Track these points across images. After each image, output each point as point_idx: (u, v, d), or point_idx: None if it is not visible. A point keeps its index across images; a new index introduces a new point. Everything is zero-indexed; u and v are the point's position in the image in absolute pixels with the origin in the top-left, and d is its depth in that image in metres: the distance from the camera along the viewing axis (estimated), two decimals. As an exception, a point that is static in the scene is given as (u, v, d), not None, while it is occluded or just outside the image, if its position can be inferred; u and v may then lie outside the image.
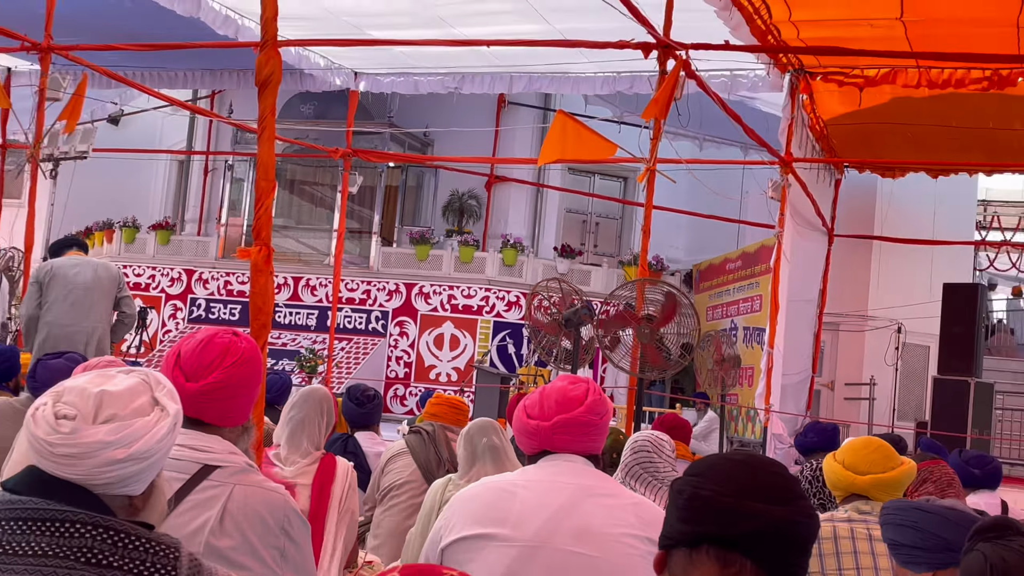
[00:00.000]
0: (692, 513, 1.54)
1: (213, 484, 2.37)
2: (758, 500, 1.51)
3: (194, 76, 13.44)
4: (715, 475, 1.57)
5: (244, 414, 2.55)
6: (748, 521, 1.50)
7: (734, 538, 1.50)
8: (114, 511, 1.84)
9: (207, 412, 2.43)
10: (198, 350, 2.44)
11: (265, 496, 2.44)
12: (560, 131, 7.41)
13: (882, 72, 9.71)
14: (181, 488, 2.33)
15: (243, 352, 2.48)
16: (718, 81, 10.40)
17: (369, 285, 16.67)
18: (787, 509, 1.52)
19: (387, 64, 12.33)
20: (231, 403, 2.48)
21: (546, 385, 2.83)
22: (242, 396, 2.51)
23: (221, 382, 2.42)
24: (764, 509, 1.50)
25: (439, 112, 16.84)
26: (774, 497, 1.52)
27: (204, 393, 2.40)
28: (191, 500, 2.33)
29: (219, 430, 2.47)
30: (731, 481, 1.54)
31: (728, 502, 1.52)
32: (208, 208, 19.24)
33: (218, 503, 2.35)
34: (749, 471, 1.57)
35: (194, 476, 2.36)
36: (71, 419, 1.81)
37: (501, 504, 2.63)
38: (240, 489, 2.40)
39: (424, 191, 18.93)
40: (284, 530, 2.44)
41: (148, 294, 17.41)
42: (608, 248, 18.92)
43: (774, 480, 1.56)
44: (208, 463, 2.39)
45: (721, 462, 1.62)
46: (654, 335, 7.40)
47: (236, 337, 2.50)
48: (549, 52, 10.48)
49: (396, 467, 4.94)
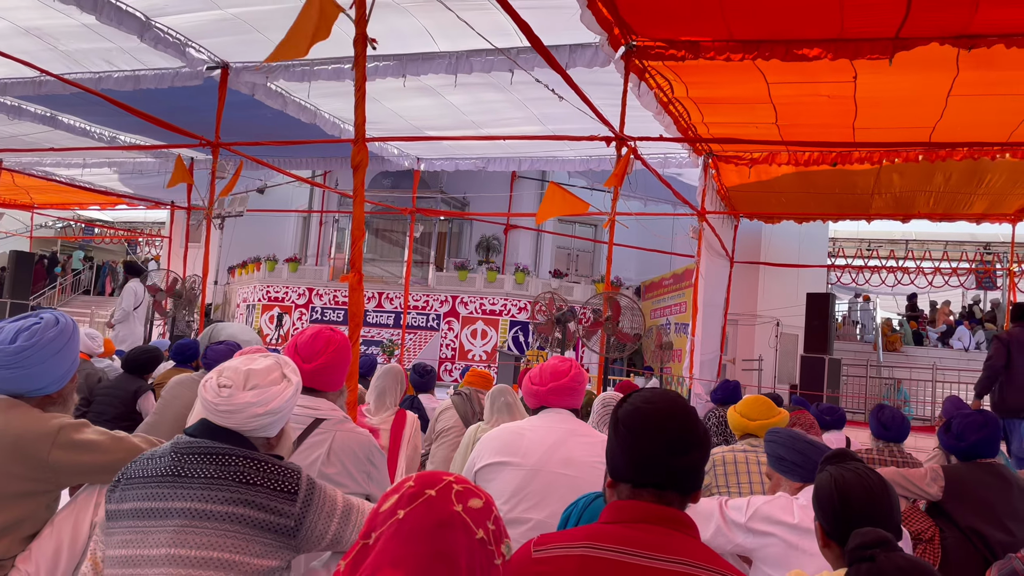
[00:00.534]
0: (634, 464, 1.49)
1: (321, 432, 2.38)
2: (681, 452, 1.47)
3: (312, 161, 13.51)
4: (649, 433, 1.49)
5: (340, 382, 2.55)
6: (677, 472, 1.47)
7: (666, 483, 1.48)
8: (257, 448, 1.84)
9: (316, 382, 2.44)
10: (309, 341, 2.45)
11: (356, 438, 2.44)
12: (552, 196, 7.40)
13: (763, 156, 9.71)
14: (301, 434, 2.34)
15: (339, 342, 2.48)
16: (656, 160, 10.39)
17: (427, 297, 16.67)
18: (701, 451, 1.50)
19: (438, 152, 12.37)
20: (332, 376, 2.48)
21: (544, 363, 2.83)
22: (339, 371, 2.50)
23: (326, 363, 2.43)
24: (686, 460, 1.47)
25: (473, 184, 16.93)
26: (694, 442, 1.49)
27: (316, 371, 2.41)
28: (308, 442, 2.34)
29: (324, 394, 2.48)
30: (660, 437, 1.48)
31: (662, 459, 1.47)
32: (322, 247, 19.31)
33: (326, 444, 2.36)
34: (673, 423, 1.50)
35: (309, 426, 2.37)
36: (228, 388, 1.82)
37: (513, 441, 2.63)
38: (340, 434, 2.40)
39: (463, 235, 18.98)
40: (369, 459, 2.44)
41: (283, 304, 17.45)
42: (584, 271, 18.90)
43: (692, 429, 1.50)
44: (318, 417, 2.40)
45: (650, 415, 1.51)
46: (615, 328, 7.38)
47: (332, 332, 2.50)
48: (544, 144, 10.51)
49: (445, 417, 4.94)
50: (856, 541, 1.63)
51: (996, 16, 5.39)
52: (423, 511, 1.11)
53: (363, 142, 3.63)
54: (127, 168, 14.39)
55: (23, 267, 15.58)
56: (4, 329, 2.09)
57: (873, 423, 4.26)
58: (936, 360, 13.77)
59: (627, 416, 1.53)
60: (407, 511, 1.11)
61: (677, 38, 6.46)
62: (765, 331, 13.86)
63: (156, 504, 1.70)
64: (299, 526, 1.74)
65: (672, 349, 14.20)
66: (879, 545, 1.60)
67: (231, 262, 19.38)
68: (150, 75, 8.67)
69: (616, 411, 1.56)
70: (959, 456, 3.49)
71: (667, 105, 7.83)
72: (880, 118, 7.86)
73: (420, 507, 1.12)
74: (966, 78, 6.48)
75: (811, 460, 2.48)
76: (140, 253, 25.53)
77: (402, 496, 1.14)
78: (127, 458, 1.99)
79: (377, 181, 16.94)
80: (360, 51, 3.61)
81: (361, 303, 3.59)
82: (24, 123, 10.88)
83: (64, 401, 2.20)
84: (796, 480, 2.54)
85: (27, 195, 16.79)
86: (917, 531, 3.31)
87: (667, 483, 1.47)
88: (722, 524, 2.43)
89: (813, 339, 11.57)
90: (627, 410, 1.54)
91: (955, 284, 17.89)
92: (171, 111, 8.76)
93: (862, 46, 6.01)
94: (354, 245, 3.62)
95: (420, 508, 1.11)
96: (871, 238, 20.55)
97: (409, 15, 6.84)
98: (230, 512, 1.68)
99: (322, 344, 2.44)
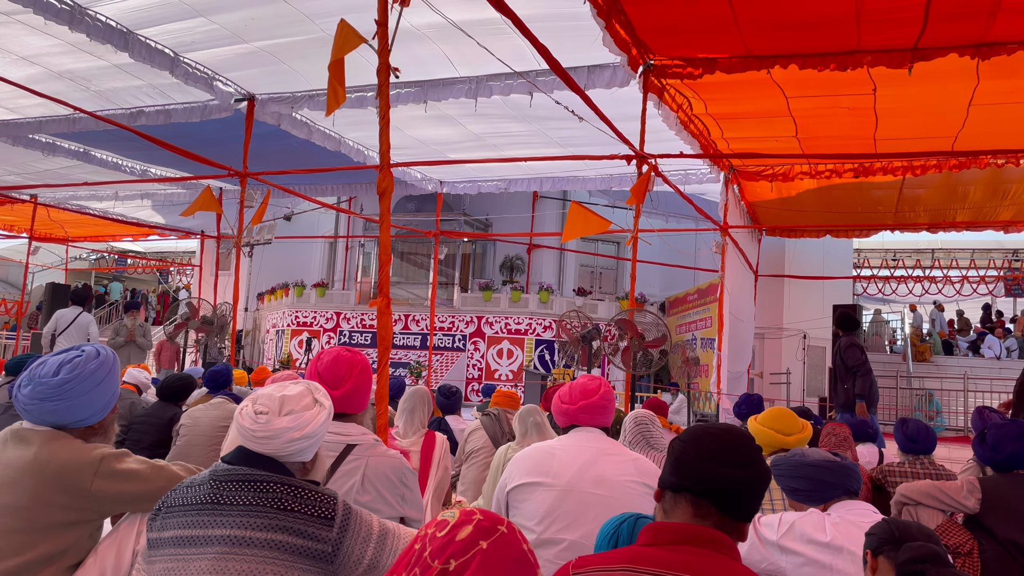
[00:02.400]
0: (676, 469, 1.53)
1: (354, 458, 2.37)
2: (722, 465, 1.49)
3: (338, 187, 13.64)
4: (696, 444, 1.54)
5: (367, 402, 2.55)
6: (713, 480, 1.48)
7: (702, 491, 1.48)
8: (293, 473, 1.86)
9: (346, 407, 2.43)
10: (331, 367, 2.43)
11: (389, 462, 2.43)
12: (575, 216, 7.41)
13: (784, 170, 9.67)
14: (334, 462, 2.34)
15: (360, 363, 2.48)
16: (676, 177, 10.37)
17: (453, 318, 16.70)
18: (746, 472, 1.50)
19: (461, 175, 12.44)
20: (360, 399, 2.49)
21: (572, 381, 2.82)
22: (365, 392, 2.50)
23: (354, 387, 2.43)
24: (725, 472, 1.48)
25: (495, 205, 16.99)
26: (737, 462, 1.50)
27: (345, 396, 2.41)
28: (342, 471, 2.34)
29: (353, 417, 2.47)
30: (705, 449, 1.52)
31: (700, 466, 1.50)
32: (348, 272, 19.44)
33: (359, 471, 2.35)
34: (720, 442, 1.53)
35: (341, 453, 2.37)
36: (265, 414, 1.84)
37: (545, 461, 2.62)
38: (373, 459, 2.39)
39: (487, 256, 19.01)
40: (403, 482, 2.43)
41: (311, 328, 17.56)
42: (608, 288, 18.83)
43: (737, 450, 1.52)
44: (349, 443, 2.39)
45: (702, 433, 1.58)
46: (641, 346, 7.34)
47: (352, 354, 2.48)
48: (565, 164, 10.54)
49: (474, 438, 4.92)
50: (907, 555, 1.61)
51: (1014, 25, 5.35)
52: (502, 546, 1.17)
53: (388, 168, 3.67)
54: (158, 199, 14.66)
55: (59, 299, 15.84)
56: (47, 363, 2.13)
57: (899, 437, 4.19)
58: (967, 369, 13.52)
59: (686, 432, 1.60)
60: (490, 543, 1.16)
61: (694, 56, 6.48)
62: (792, 344, 13.72)
63: (196, 532, 1.72)
64: (336, 551, 1.74)
65: (699, 364, 14.08)
66: (929, 560, 1.58)
67: (260, 289, 19.58)
68: (180, 109, 8.85)
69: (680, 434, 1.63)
70: (995, 468, 3.42)
71: (687, 123, 7.83)
72: (901, 129, 7.80)
73: (500, 541, 1.17)
74: (987, 87, 6.42)
75: (823, 482, 2.43)
76: (172, 282, 25.89)
77: (477, 528, 1.18)
78: (167, 486, 2.01)
79: (401, 205, 17.07)
80: (383, 80, 3.66)
81: (390, 326, 3.61)
82: (58, 159, 11.14)
83: (105, 432, 2.24)
84: (816, 505, 2.48)
85: (62, 228, 17.13)
86: (955, 545, 3.24)
87: (703, 491, 1.49)
88: (756, 541, 2.39)
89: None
90: (688, 429, 1.61)
91: (983, 292, 17.59)
92: (200, 144, 8.92)
93: (880, 57, 5.98)
94: (382, 270, 3.65)
95: (500, 542, 1.17)
96: (896, 248, 20.30)
97: (429, 42, 6.93)
98: (269, 539, 1.69)
99: (345, 369, 2.44)
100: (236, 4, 6.56)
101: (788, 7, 5.40)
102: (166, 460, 2.39)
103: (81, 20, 6.54)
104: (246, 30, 7.05)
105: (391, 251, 3.67)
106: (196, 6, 6.62)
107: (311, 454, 1.92)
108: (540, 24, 5.33)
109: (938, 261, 19.24)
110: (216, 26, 6.96)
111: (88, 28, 6.63)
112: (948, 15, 5.25)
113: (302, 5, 6.48)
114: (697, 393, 13.52)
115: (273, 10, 6.59)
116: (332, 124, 9.45)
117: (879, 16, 5.35)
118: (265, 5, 6.53)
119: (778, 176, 9.59)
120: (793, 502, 2.52)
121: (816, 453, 2.50)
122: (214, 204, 9.06)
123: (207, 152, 8.41)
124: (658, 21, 5.92)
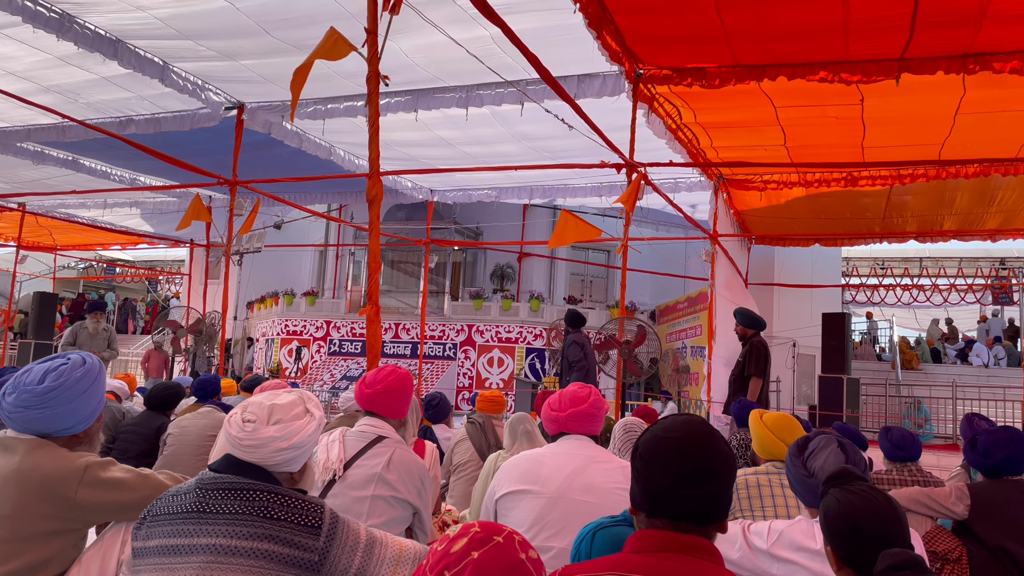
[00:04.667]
0: (648, 496, 1.50)
1: (383, 446, 2.66)
2: (693, 484, 1.46)
3: (328, 196, 13.61)
4: (662, 466, 1.49)
5: (401, 412, 2.83)
6: (686, 503, 1.46)
7: (678, 515, 1.47)
8: (281, 482, 1.85)
9: (376, 406, 2.76)
10: (375, 372, 2.83)
11: (412, 458, 2.69)
12: (564, 223, 7.43)
13: (774, 179, 9.72)
14: (364, 446, 2.63)
15: (401, 374, 2.81)
16: (666, 185, 10.40)
17: (444, 327, 16.68)
18: (718, 480, 1.48)
19: (451, 184, 12.45)
20: (392, 403, 2.78)
21: (562, 389, 2.82)
22: (399, 400, 2.80)
23: (385, 388, 2.77)
24: (697, 490, 1.46)
25: (486, 213, 17.04)
26: (707, 473, 1.47)
27: (376, 394, 2.75)
28: (371, 452, 2.62)
29: (386, 419, 2.77)
30: (673, 470, 1.47)
31: (671, 491, 1.47)
32: (339, 280, 19.41)
33: (387, 455, 2.62)
34: (685, 457, 1.48)
35: (372, 440, 2.66)
36: (252, 422, 1.83)
37: (533, 469, 2.62)
38: (398, 451, 2.66)
39: (478, 264, 19.03)
40: (421, 479, 2.65)
41: (302, 337, 17.50)
42: (599, 297, 18.85)
43: (703, 458, 1.48)
44: (380, 435, 2.69)
45: (664, 448, 1.51)
46: (631, 353, 7.34)
47: (397, 368, 2.85)
48: (556, 173, 10.56)
49: (460, 449, 4.92)
50: (885, 563, 1.61)
51: (999, 33, 5.40)
52: (495, 554, 1.21)
53: (378, 176, 3.68)
54: (147, 208, 14.59)
55: (47, 308, 15.73)
56: (32, 371, 2.12)
57: (885, 445, 4.20)
58: (955, 377, 13.59)
59: (644, 445, 1.54)
60: (481, 552, 1.21)
61: (684, 65, 6.51)
62: (782, 352, 13.73)
63: (181, 541, 1.70)
64: (323, 560, 1.73)
65: (689, 373, 14.10)
66: (908, 567, 1.57)
67: (250, 297, 19.51)
68: (169, 118, 8.82)
69: (639, 439, 1.58)
70: (986, 473, 3.43)
71: (676, 131, 7.86)
72: (889, 137, 7.85)
73: (492, 550, 1.22)
74: (973, 96, 6.48)
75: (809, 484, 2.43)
76: (161, 290, 25.78)
77: (472, 539, 1.23)
78: (153, 495, 2.00)
79: (392, 213, 17.06)
80: (373, 88, 3.66)
81: (379, 335, 3.61)
82: (47, 167, 11.07)
83: (90, 440, 2.22)
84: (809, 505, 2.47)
85: (50, 236, 17.02)
86: (944, 551, 3.25)
87: (680, 515, 1.46)
88: (747, 549, 2.39)
89: (830, 359, 11.45)
90: (646, 439, 1.55)
91: (971, 300, 17.70)
92: (190, 152, 8.90)
93: (868, 67, 6.03)
94: (370, 278, 3.64)
95: (492, 551, 1.21)
96: (885, 256, 20.43)
97: (420, 52, 6.94)
98: (254, 547, 1.68)
99: (384, 374, 2.80)
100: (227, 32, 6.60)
101: (776, 17, 5.44)
102: (153, 469, 2.38)
103: (70, 28, 6.52)
104: (236, 53, 7.10)
105: (381, 259, 3.67)
106: (184, 31, 6.65)
107: (299, 464, 1.91)
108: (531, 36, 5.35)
109: (926, 270, 19.34)
110: (204, 48, 7.01)
111: (77, 36, 6.61)
112: (934, 22, 5.28)
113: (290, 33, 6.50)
114: (688, 401, 13.53)
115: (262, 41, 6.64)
116: (322, 133, 9.44)
117: (866, 24, 5.39)
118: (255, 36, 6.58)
119: (768, 184, 9.64)
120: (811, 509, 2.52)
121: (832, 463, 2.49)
122: (204, 213, 9.02)
123: (197, 160, 8.39)
124: (648, 31, 5.95)
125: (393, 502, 2.56)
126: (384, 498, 2.54)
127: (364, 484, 2.54)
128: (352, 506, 2.48)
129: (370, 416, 2.75)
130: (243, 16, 6.31)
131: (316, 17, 6.18)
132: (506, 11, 4.84)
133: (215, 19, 6.42)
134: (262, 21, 6.43)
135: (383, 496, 2.54)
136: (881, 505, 1.81)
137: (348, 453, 2.61)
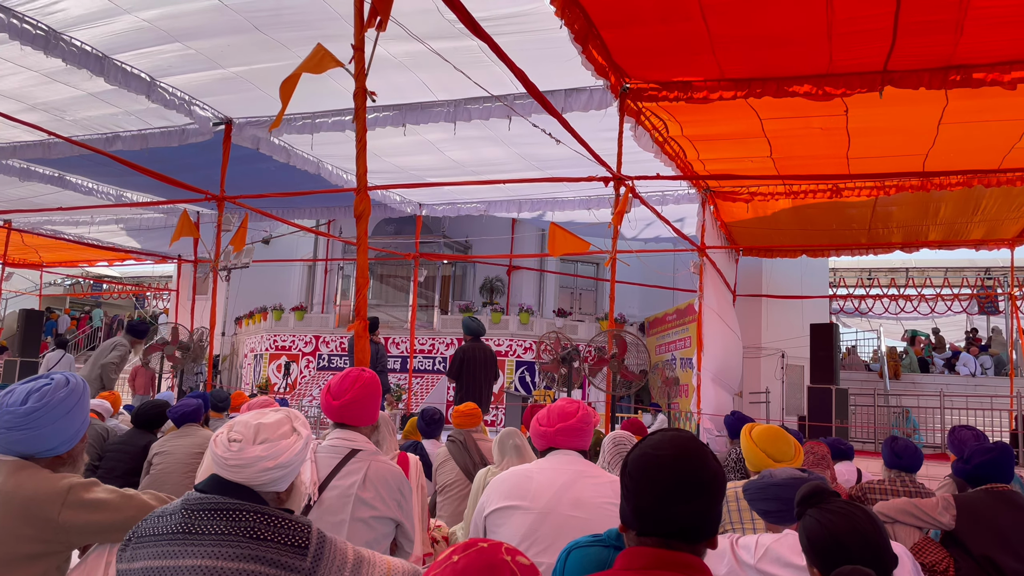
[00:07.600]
0: (638, 514, 1.49)
1: (358, 461, 2.57)
2: (683, 502, 1.46)
3: (316, 211, 13.60)
4: (651, 483, 1.48)
5: (371, 417, 2.72)
6: (676, 521, 1.46)
7: (668, 533, 1.46)
8: (267, 502, 1.83)
9: (347, 417, 2.65)
10: (339, 381, 2.67)
11: (389, 468, 2.61)
12: (553, 235, 7.45)
13: (760, 191, 9.78)
14: (339, 463, 2.55)
15: (365, 379, 2.68)
16: (654, 198, 10.44)
17: (433, 340, 16.63)
18: (707, 497, 1.47)
19: (440, 198, 12.46)
20: (361, 411, 2.67)
21: (552, 403, 2.82)
22: (368, 406, 2.68)
23: (353, 398, 2.64)
24: (687, 509, 1.46)
25: (475, 227, 17.03)
26: (697, 489, 1.47)
27: (344, 405, 2.62)
28: (346, 469, 2.54)
29: (358, 428, 2.67)
30: (663, 488, 1.47)
31: (661, 509, 1.46)
32: (327, 295, 19.34)
33: (362, 471, 2.54)
34: (675, 473, 1.47)
35: (346, 456, 2.57)
36: (238, 442, 1.82)
37: (523, 484, 2.61)
38: (375, 464, 2.58)
39: (467, 278, 18.99)
40: (400, 490, 2.59)
41: (290, 352, 17.41)
42: (588, 309, 18.86)
43: (693, 473, 1.48)
44: (354, 448, 2.60)
45: (654, 464, 1.50)
46: (620, 366, 7.35)
47: (360, 371, 2.73)
48: (545, 186, 10.59)
49: (445, 470, 4.90)
50: None
51: (979, 41, 5.45)
52: (475, 556, 1.26)
53: (365, 191, 3.68)
54: (134, 224, 14.53)
55: (32, 325, 15.61)
56: (15, 391, 2.10)
57: (886, 453, 4.22)
58: (943, 387, 13.66)
59: (633, 463, 1.54)
60: (462, 556, 1.26)
61: (670, 79, 6.56)
62: (771, 363, 13.78)
63: (167, 562, 1.68)
64: (310, 580, 1.72)
65: (679, 384, 14.12)
66: None
67: (238, 313, 19.41)
68: (157, 134, 8.80)
69: (628, 456, 1.57)
70: (967, 479, 3.45)
71: (663, 144, 7.91)
72: (873, 147, 7.93)
73: (473, 554, 1.26)
74: (956, 107, 6.55)
75: (792, 501, 2.42)
76: (148, 307, 25.62)
77: (455, 547, 1.29)
78: (138, 516, 1.98)
79: (380, 228, 17.04)
80: (360, 104, 3.67)
81: (367, 349, 3.60)
82: (33, 184, 11.01)
83: (74, 461, 2.20)
84: (789, 524, 2.46)
85: (36, 253, 16.91)
86: (931, 563, 3.25)
87: (670, 532, 1.46)
88: (734, 563, 2.38)
89: (819, 370, 11.48)
90: (635, 456, 1.55)
91: (957, 310, 17.83)
92: (177, 168, 8.86)
93: (852, 80, 6.09)
94: (359, 292, 3.64)
95: (473, 555, 1.26)
96: (872, 267, 20.56)
97: (407, 70, 6.95)
98: (241, 568, 1.66)
99: (350, 382, 2.65)
100: (213, 31, 6.54)
101: (760, 21, 5.47)
102: (139, 488, 2.36)
103: (56, 45, 6.50)
104: (223, 56, 7.03)
105: (369, 274, 3.67)
106: (172, 31, 6.60)
107: (286, 484, 1.90)
108: (517, 50, 5.38)
109: (912, 280, 19.47)
110: (192, 51, 6.94)
111: (63, 53, 6.59)
112: (917, 25, 5.31)
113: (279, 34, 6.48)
114: (678, 413, 13.54)
115: (249, 38, 6.58)
116: (311, 148, 9.44)
117: (850, 27, 5.40)
118: (242, 33, 6.52)
119: (755, 195, 9.70)
120: (769, 524, 2.51)
121: (783, 472, 2.49)
122: (193, 229, 9.00)
123: (184, 176, 8.36)
124: (634, 44, 5.99)
125: (373, 522, 2.50)
126: (363, 520, 2.48)
127: (341, 507, 2.48)
128: (330, 532, 2.45)
129: (340, 428, 2.65)
130: (232, 12, 6.19)
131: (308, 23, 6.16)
132: (493, 27, 4.86)
133: (202, 17, 6.30)
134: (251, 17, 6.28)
135: (362, 518, 2.48)
136: (860, 519, 1.83)
137: (321, 473, 2.53)
